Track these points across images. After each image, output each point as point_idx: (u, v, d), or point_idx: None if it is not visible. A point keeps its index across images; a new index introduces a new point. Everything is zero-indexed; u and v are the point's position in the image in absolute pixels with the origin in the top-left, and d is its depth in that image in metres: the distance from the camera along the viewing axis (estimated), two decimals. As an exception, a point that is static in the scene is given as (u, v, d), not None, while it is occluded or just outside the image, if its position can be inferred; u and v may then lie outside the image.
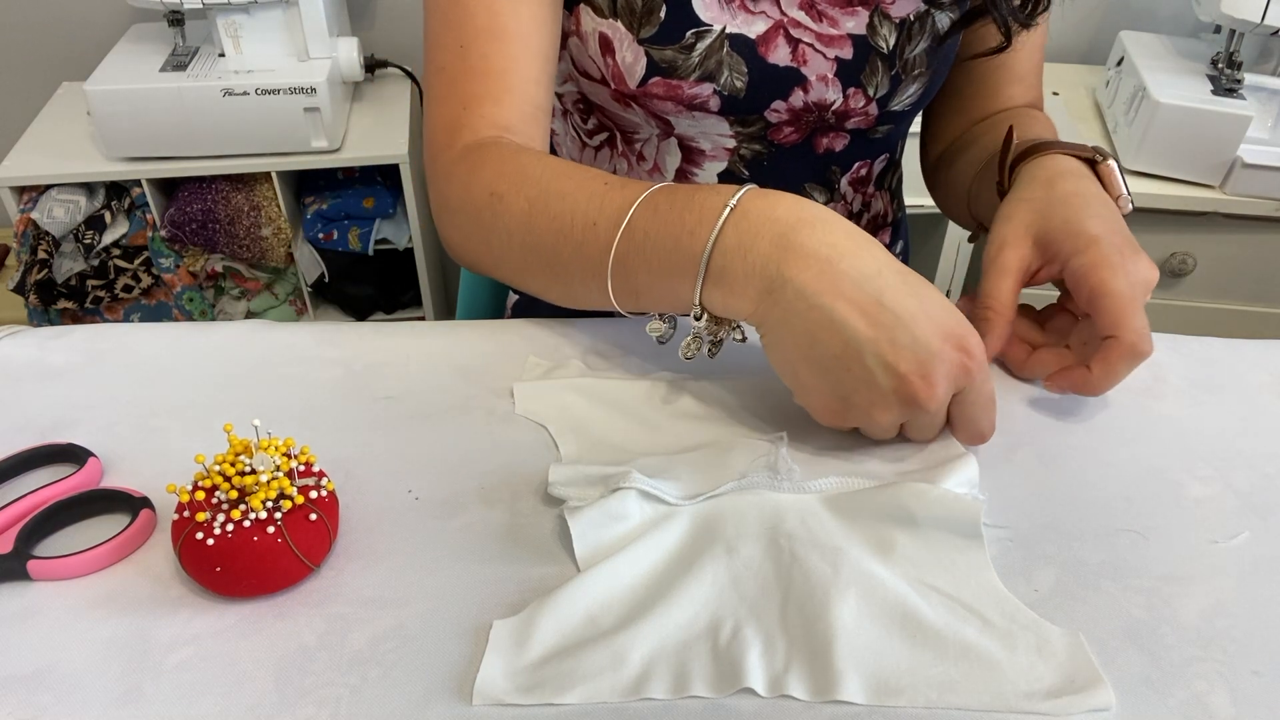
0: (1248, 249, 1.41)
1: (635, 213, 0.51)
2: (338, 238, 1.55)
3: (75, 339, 0.60)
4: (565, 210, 0.54)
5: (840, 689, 0.39)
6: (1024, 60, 0.76)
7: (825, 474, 0.50)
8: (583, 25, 0.66)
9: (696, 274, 0.49)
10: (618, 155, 0.74)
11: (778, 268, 0.47)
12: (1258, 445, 0.54)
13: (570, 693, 0.39)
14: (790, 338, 0.48)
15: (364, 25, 1.67)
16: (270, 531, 0.42)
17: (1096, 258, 0.54)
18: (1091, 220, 0.55)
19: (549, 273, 0.57)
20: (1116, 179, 0.60)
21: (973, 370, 0.47)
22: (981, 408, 0.49)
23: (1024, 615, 0.43)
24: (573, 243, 0.54)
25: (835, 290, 0.46)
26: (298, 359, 0.58)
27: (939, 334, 0.46)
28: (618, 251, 0.52)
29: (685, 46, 0.65)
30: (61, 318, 1.54)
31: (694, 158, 0.72)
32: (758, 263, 0.47)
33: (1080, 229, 0.55)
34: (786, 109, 0.69)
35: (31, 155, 1.45)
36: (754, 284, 0.48)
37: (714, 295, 0.50)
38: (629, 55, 0.65)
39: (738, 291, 0.48)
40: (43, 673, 0.40)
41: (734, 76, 0.66)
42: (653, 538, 0.46)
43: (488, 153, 0.59)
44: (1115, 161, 0.61)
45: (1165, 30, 1.55)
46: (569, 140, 0.78)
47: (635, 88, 0.66)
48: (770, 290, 0.47)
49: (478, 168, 0.59)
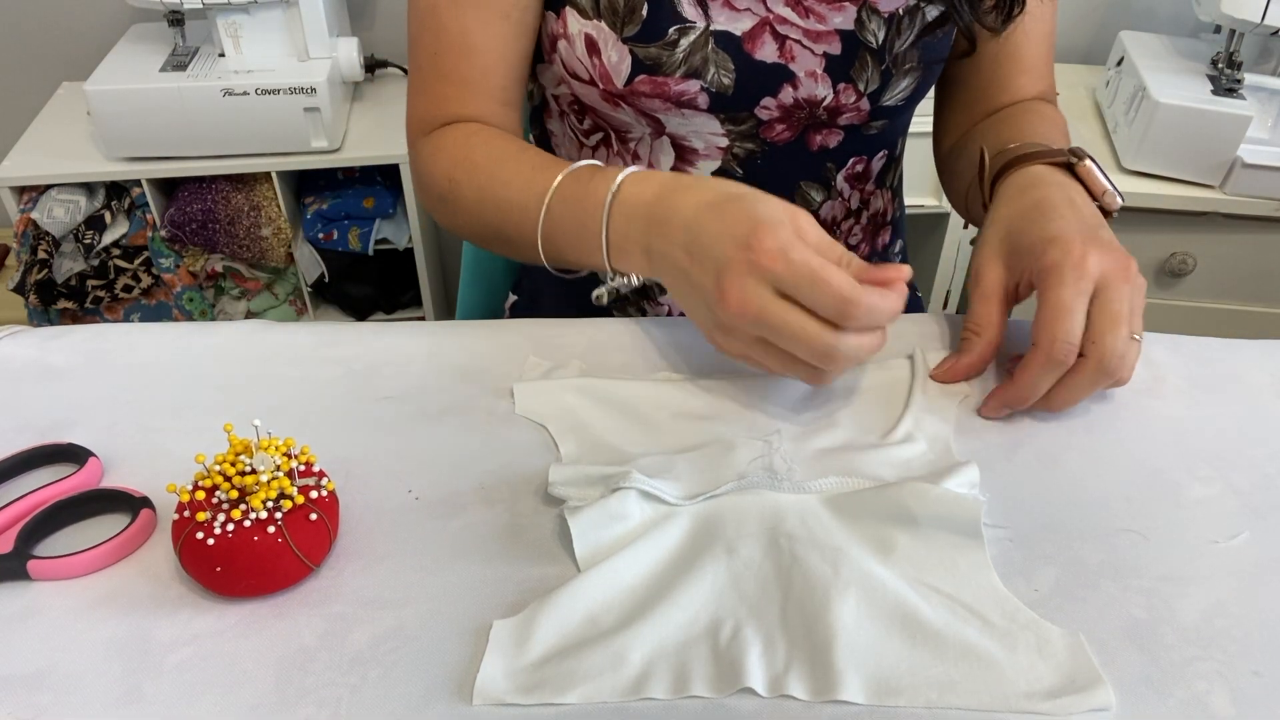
0: (1248, 249, 1.41)
1: (550, 200, 0.60)
2: (338, 238, 1.55)
3: (75, 339, 0.60)
4: (505, 197, 0.63)
5: (840, 689, 0.39)
6: (1031, 50, 0.75)
7: (825, 474, 0.50)
8: (569, 27, 0.67)
9: (601, 251, 0.58)
10: (613, 155, 0.75)
11: (649, 239, 0.55)
12: (1258, 445, 0.54)
13: (570, 693, 0.39)
14: (673, 292, 0.55)
15: (364, 25, 1.67)
16: (270, 531, 0.42)
17: (1047, 263, 0.53)
18: (1052, 224, 0.55)
19: (503, 246, 0.66)
20: (1096, 177, 0.59)
21: (764, 263, 0.48)
22: (804, 285, 0.48)
23: (1024, 615, 0.43)
24: (513, 223, 0.63)
25: (673, 242, 0.53)
26: (298, 359, 0.58)
27: (731, 244, 0.50)
28: (543, 233, 0.61)
29: (669, 43, 0.65)
30: (61, 318, 1.54)
31: (687, 157, 0.72)
32: (639, 238, 0.56)
33: (1041, 235, 0.55)
34: (777, 105, 0.69)
35: (31, 155, 1.45)
36: (640, 256, 0.56)
37: (619, 263, 0.58)
38: (614, 55, 0.66)
39: (633, 261, 0.57)
40: (43, 673, 0.40)
41: (721, 73, 0.66)
42: (653, 538, 0.46)
43: (446, 139, 0.68)
44: (1091, 160, 0.60)
45: (1165, 30, 1.55)
46: (566, 141, 0.78)
47: (622, 87, 0.67)
48: (650, 258, 0.56)
49: (437, 153, 0.68)
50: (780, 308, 0.49)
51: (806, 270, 0.48)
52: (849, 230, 0.78)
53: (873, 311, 0.48)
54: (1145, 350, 0.59)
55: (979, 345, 0.57)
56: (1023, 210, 0.58)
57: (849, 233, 0.79)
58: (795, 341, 0.49)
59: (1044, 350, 0.52)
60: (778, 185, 0.73)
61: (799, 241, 0.49)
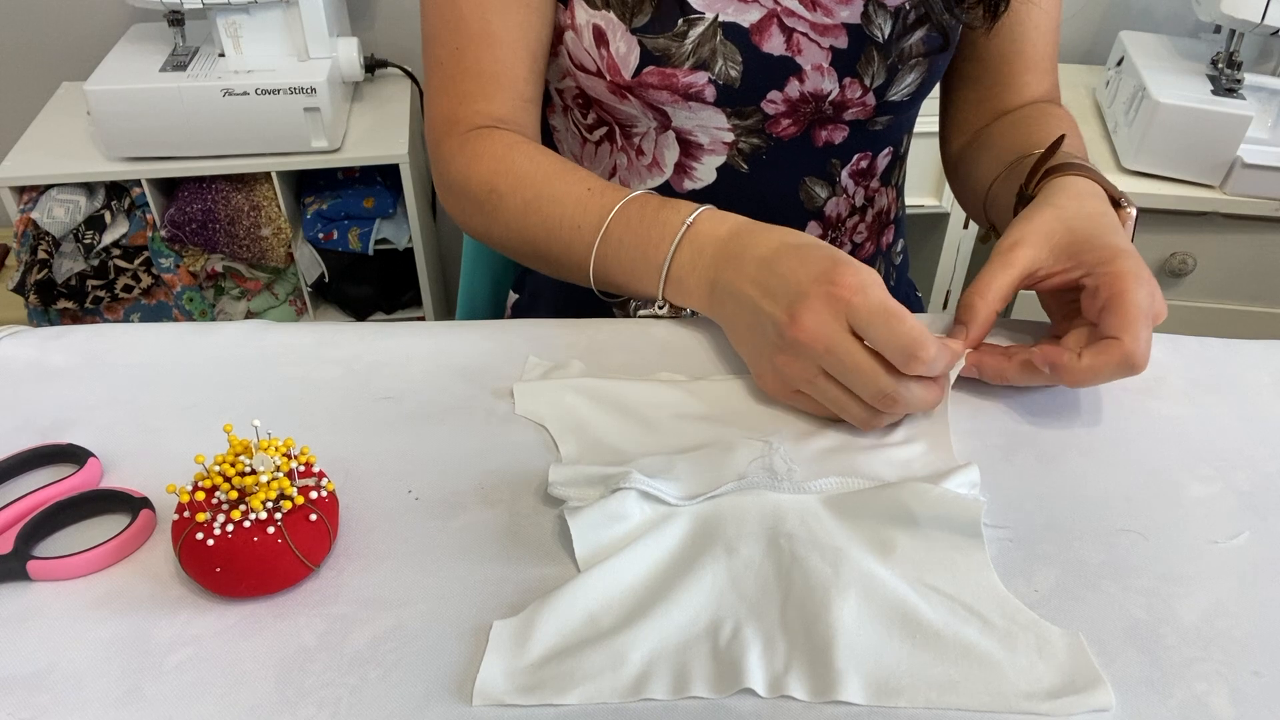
0: (1248, 249, 1.41)
1: (612, 221, 0.61)
2: (338, 238, 1.55)
3: (75, 339, 0.60)
4: (555, 214, 0.63)
5: (840, 689, 0.39)
6: (1038, 47, 0.75)
7: (825, 474, 0.50)
8: (577, 18, 0.67)
9: (659, 280, 0.59)
10: (617, 150, 0.75)
11: (717, 273, 0.56)
12: (1258, 445, 0.54)
13: (570, 693, 0.39)
14: (730, 327, 0.57)
15: (364, 25, 1.67)
16: (270, 532, 0.42)
17: (1123, 268, 0.53)
18: (1120, 238, 0.55)
19: (541, 261, 0.66)
20: (1130, 226, 0.60)
21: (843, 295, 0.49)
22: (877, 322, 0.49)
23: (1024, 615, 0.43)
24: (561, 242, 0.63)
25: (743, 276, 0.54)
26: (298, 359, 0.58)
27: (808, 278, 0.51)
28: (597, 254, 0.62)
29: (678, 34, 0.65)
30: (61, 318, 1.54)
31: (692, 151, 0.72)
32: (704, 272, 0.57)
33: (1109, 242, 0.55)
34: (783, 99, 0.69)
35: (31, 155, 1.45)
36: (702, 289, 0.57)
37: (673, 294, 0.60)
38: (623, 45, 0.66)
39: (691, 294, 0.58)
40: (43, 673, 0.40)
41: (728, 65, 0.67)
42: (653, 538, 0.46)
43: (484, 146, 0.66)
44: (1135, 211, 0.60)
45: (1165, 30, 1.55)
46: (569, 136, 0.78)
47: (630, 78, 0.67)
48: (713, 292, 0.57)
49: (475, 160, 0.66)
50: (852, 342, 0.50)
51: (882, 307, 0.49)
52: (854, 228, 0.78)
53: (937, 360, 0.48)
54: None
55: (983, 311, 0.55)
56: (1088, 213, 0.57)
57: (854, 230, 0.78)
58: (859, 376, 0.50)
59: (1128, 347, 0.51)
60: (782, 180, 0.73)
61: (877, 284, 0.50)
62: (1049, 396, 0.57)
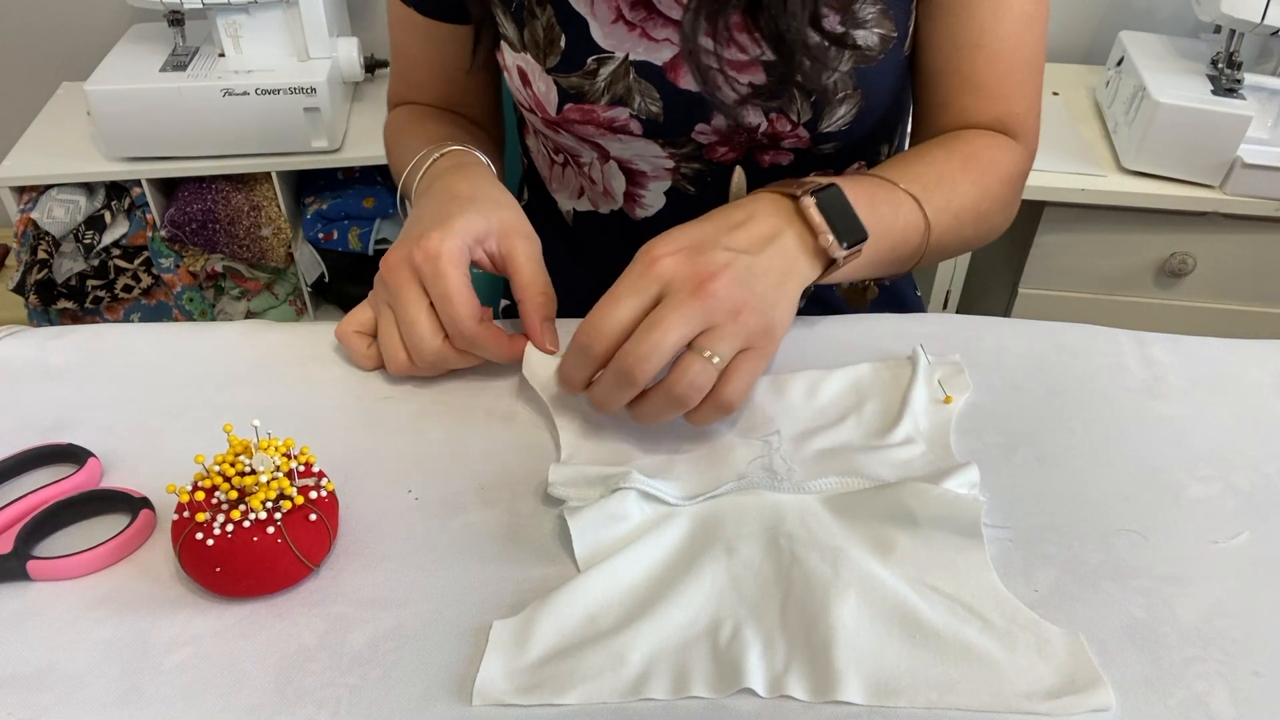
0: (1248, 249, 1.41)
1: (425, 158, 0.67)
2: (338, 238, 1.55)
3: (75, 339, 0.60)
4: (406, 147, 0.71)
5: (840, 689, 0.39)
6: (982, 69, 0.65)
7: (825, 474, 0.50)
8: (506, 60, 0.69)
9: (400, 179, 0.69)
10: (577, 175, 0.76)
11: (422, 188, 0.65)
12: (1258, 445, 0.54)
13: (570, 693, 0.39)
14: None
15: (364, 25, 1.67)
16: (270, 532, 0.42)
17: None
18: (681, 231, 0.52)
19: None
20: (811, 213, 0.53)
21: (415, 257, 0.54)
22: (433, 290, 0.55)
23: (1024, 615, 0.43)
24: (400, 165, 0.72)
25: (421, 199, 0.64)
26: (298, 359, 0.58)
27: (419, 226, 0.56)
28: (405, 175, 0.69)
29: (588, 73, 0.66)
30: (61, 318, 1.54)
31: (637, 179, 0.73)
32: (420, 184, 0.66)
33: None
34: (713, 130, 0.67)
35: (31, 155, 1.45)
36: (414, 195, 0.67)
37: (406, 191, 0.68)
38: (542, 85, 0.67)
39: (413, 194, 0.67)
40: (43, 673, 0.40)
41: (647, 101, 0.66)
42: (652, 538, 0.46)
43: (400, 112, 0.81)
44: (813, 197, 0.53)
45: (1165, 30, 1.55)
46: (540, 158, 0.80)
47: (555, 115, 0.68)
48: (416, 198, 0.65)
49: (392, 121, 0.81)
50: (413, 290, 0.55)
51: (439, 283, 0.53)
52: None
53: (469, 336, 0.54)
54: (1145, 350, 0.60)
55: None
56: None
57: None
58: (404, 312, 0.54)
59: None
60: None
61: (451, 257, 0.54)
62: (1049, 396, 0.57)
